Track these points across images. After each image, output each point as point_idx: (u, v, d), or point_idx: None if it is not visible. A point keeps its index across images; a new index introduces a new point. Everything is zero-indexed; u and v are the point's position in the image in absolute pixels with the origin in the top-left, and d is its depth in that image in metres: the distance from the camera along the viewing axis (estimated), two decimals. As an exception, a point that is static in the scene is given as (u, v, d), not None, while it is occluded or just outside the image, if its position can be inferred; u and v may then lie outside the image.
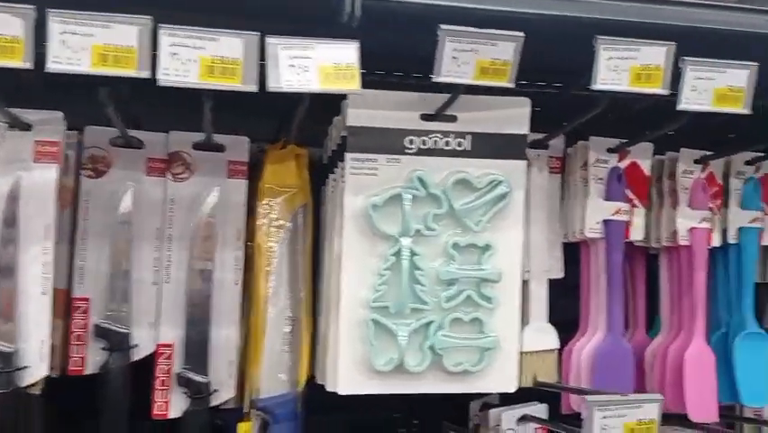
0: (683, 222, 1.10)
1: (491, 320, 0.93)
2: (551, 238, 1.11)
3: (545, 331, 1.09)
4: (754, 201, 1.16)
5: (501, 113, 0.94)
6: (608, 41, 0.82)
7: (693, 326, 1.12)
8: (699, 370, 1.10)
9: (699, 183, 1.12)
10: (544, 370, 1.08)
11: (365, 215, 0.90)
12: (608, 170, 1.07)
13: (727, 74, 0.85)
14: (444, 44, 0.78)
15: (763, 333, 1.15)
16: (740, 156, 1.15)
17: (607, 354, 1.06)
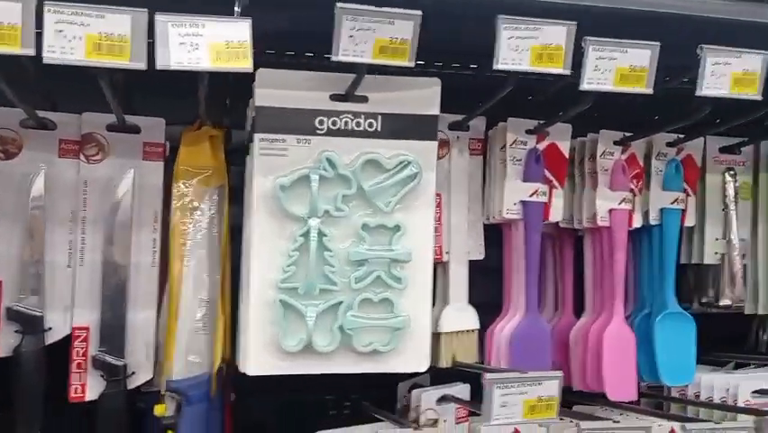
0: (603, 203, 1.11)
1: (401, 301, 0.93)
2: (472, 220, 1.11)
3: (465, 312, 1.10)
4: (675, 182, 1.17)
5: (412, 93, 0.94)
6: (510, 20, 0.82)
7: (613, 306, 1.13)
8: (618, 349, 1.12)
9: (618, 164, 1.13)
10: (463, 350, 1.09)
11: (274, 196, 0.90)
12: (526, 151, 1.08)
13: (629, 54, 0.85)
14: (342, 23, 0.77)
15: (683, 313, 1.17)
16: (662, 138, 1.17)
17: (524, 334, 1.07)
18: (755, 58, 0.91)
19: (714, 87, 0.91)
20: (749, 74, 0.89)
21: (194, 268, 0.97)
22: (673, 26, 0.94)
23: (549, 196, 1.08)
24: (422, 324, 0.95)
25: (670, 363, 1.15)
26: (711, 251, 1.23)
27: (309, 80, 0.92)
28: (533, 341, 1.08)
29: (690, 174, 1.19)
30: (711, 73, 0.88)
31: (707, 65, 0.90)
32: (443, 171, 1.09)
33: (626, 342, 1.13)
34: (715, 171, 1.22)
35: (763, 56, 0.91)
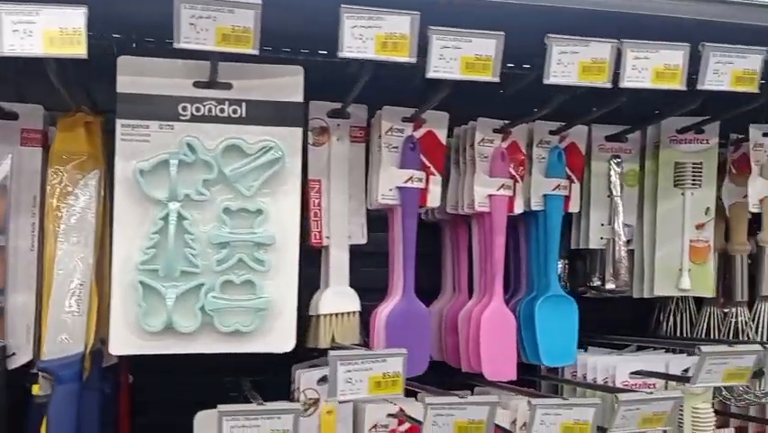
0: (481, 189, 1.14)
1: (265, 283, 0.96)
2: (354, 205, 1.14)
3: (345, 295, 1.12)
4: (557, 169, 1.20)
5: (276, 81, 0.96)
6: (353, 9, 0.84)
7: (493, 289, 1.16)
8: (497, 332, 1.15)
9: (498, 151, 1.16)
10: (343, 331, 1.12)
11: (134, 180, 0.92)
12: (402, 138, 1.10)
13: (473, 43, 0.88)
14: (180, 11, 0.80)
15: (565, 296, 1.21)
16: (544, 126, 1.20)
17: (401, 316, 1.10)
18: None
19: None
20: (598, 63, 0.93)
21: (67, 251, 0.99)
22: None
23: (426, 182, 1.11)
24: (288, 306, 0.97)
25: (550, 345, 1.18)
26: (597, 236, 1.26)
27: (172, 67, 0.94)
28: (410, 322, 1.11)
29: (574, 161, 1.22)
30: (559, 63, 0.91)
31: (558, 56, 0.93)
32: (323, 158, 1.11)
33: (505, 324, 1.16)
34: (600, 159, 1.25)
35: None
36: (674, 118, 1.23)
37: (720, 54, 0.95)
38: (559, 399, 1.00)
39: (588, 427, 0.97)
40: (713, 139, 1.23)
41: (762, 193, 1.20)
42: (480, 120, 1.15)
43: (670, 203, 1.24)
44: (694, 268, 1.23)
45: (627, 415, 0.98)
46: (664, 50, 0.93)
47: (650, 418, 0.99)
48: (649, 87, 0.93)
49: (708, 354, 0.96)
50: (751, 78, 0.97)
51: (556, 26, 0.94)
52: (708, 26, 1.01)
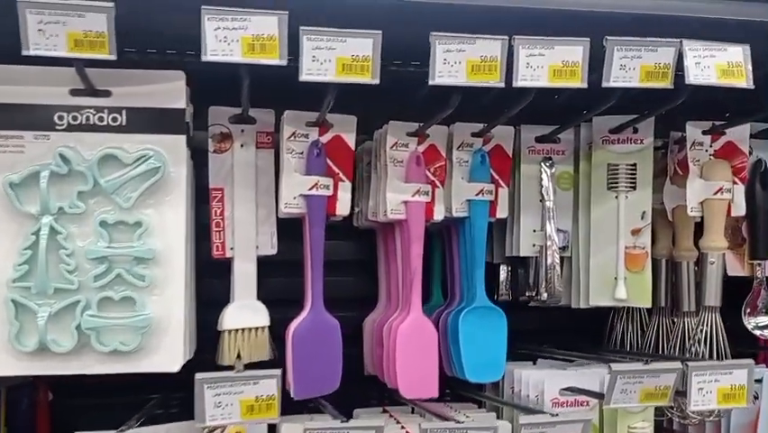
0: (395, 196, 1.08)
1: (147, 299, 0.91)
2: (262, 214, 1.09)
3: (252, 308, 1.07)
4: (481, 173, 1.14)
5: (156, 87, 0.92)
6: (214, 11, 0.80)
7: (410, 300, 1.11)
8: (414, 347, 1.09)
9: (413, 156, 1.10)
10: (250, 348, 1.07)
11: (4, 193, 0.88)
12: (308, 144, 1.05)
13: (348, 43, 0.82)
14: (26, 17, 0.76)
15: (493, 307, 1.14)
16: (465, 128, 1.13)
17: (307, 330, 1.05)
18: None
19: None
20: (488, 62, 0.86)
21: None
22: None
23: (334, 189, 1.06)
24: (174, 323, 0.93)
25: (475, 360, 1.12)
26: (528, 243, 1.19)
27: (47, 75, 0.90)
28: (318, 337, 1.05)
29: (500, 164, 1.16)
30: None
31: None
32: (226, 166, 1.07)
33: (424, 338, 1.10)
34: (530, 161, 1.19)
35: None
36: (607, 117, 1.16)
37: (627, 48, 0.89)
38: (452, 422, 0.93)
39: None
40: (647, 139, 1.15)
41: (702, 195, 1.12)
42: (392, 123, 1.09)
43: (603, 207, 1.17)
44: (630, 276, 1.16)
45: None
46: (561, 46, 0.87)
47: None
48: (546, 86, 0.87)
49: (620, 373, 0.90)
50: (663, 72, 0.90)
51: (450, 24, 0.88)
52: (642, 19, 0.95)
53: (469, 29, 0.88)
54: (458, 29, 0.87)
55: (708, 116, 1.17)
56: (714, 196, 1.11)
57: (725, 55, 0.90)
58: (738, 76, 0.90)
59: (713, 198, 1.12)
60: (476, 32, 0.88)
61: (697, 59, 0.89)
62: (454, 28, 0.87)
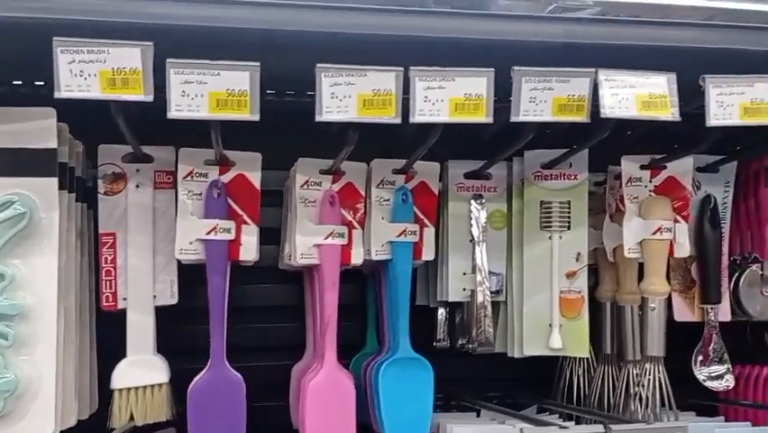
0: (305, 239, 1.00)
1: (12, 360, 0.82)
2: (161, 261, 1.01)
3: (148, 364, 0.98)
4: (404, 212, 1.05)
5: (26, 126, 0.83)
6: (69, 42, 0.72)
7: (323, 351, 1.02)
8: (326, 402, 1.00)
9: (326, 195, 1.02)
10: (144, 407, 0.98)
11: None
12: (207, 184, 0.97)
13: (222, 76, 0.75)
14: None
15: (418, 358, 1.05)
16: (386, 165, 1.05)
17: (204, 388, 0.95)
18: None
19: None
20: (382, 96, 0.78)
21: None
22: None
23: (237, 232, 0.98)
24: (45, 384, 0.83)
25: (396, 416, 1.03)
26: (458, 287, 1.10)
27: None
28: (218, 393, 0.96)
29: (426, 202, 1.07)
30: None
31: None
32: (119, 208, 0.98)
33: (338, 394, 1.00)
34: (459, 199, 1.10)
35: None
36: (539, 151, 1.08)
37: (537, 79, 0.81)
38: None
39: None
40: (582, 174, 1.07)
41: (640, 235, 1.03)
42: (302, 160, 1.01)
43: (537, 248, 1.08)
44: (566, 323, 1.06)
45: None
46: (463, 78, 0.79)
47: None
48: (447, 121, 0.79)
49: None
50: (578, 105, 0.82)
51: (343, 54, 0.80)
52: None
53: (368, 60, 0.81)
54: (351, 60, 0.80)
55: (657, 149, 1.09)
56: (653, 236, 1.03)
57: (647, 85, 0.82)
58: (662, 107, 0.82)
59: (652, 238, 1.03)
60: (376, 63, 0.81)
61: (614, 90, 0.81)
62: (347, 59, 0.80)
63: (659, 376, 1.04)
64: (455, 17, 0.86)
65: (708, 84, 0.84)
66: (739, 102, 0.84)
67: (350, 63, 0.77)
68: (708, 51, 0.90)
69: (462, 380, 1.33)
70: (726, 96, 0.84)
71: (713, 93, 0.84)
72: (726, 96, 0.84)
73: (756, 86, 0.85)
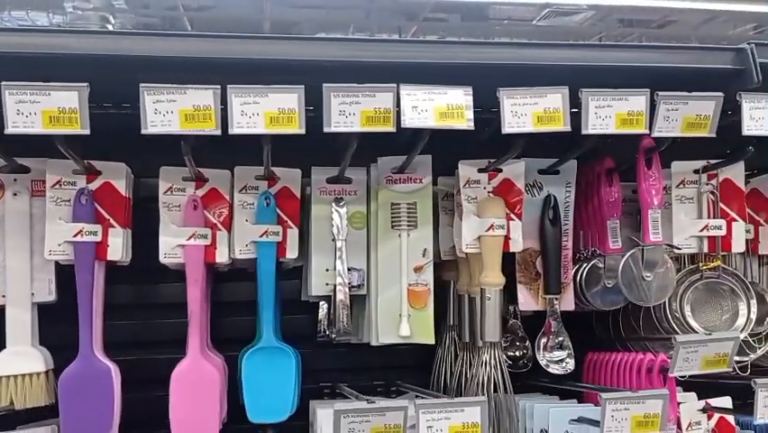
0: (169, 240, 1.11)
1: None
2: (38, 262, 1.10)
3: (27, 355, 1.08)
4: (266, 215, 1.16)
5: None
6: None
7: (188, 343, 1.12)
8: (190, 389, 1.10)
9: (189, 200, 1.12)
10: (23, 394, 1.08)
11: None
12: (75, 191, 1.08)
13: (52, 96, 0.85)
14: None
15: (281, 347, 1.15)
16: (249, 172, 1.16)
17: (74, 377, 1.06)
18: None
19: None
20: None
21: None
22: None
23: (104, 235, 1.08)
24: None
25: (259, 400, 1.13)
26: (321, 282, 1.20)
27: None
28: (87, 383, 1.06)
29: (288, 205, 1.18)
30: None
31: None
32: (-2, 215, 1.09)
33: (201, 381, 1.11)
34: (322, 202, 1.21)
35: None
36: (391, 157, 1.19)
37: (344, 94, 0.91)
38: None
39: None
40: (426, 178, 1.18)
41: (476, 232, 1.14)
42: (164, 168, 1.11)
43: (389, 245, 1.18)
44: (414, 313, 1.16)
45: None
46: (275, 94, 0.89)
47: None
48: (263, 133, 0.90)
49: (343, 412, 0.90)
50: (384, 116, 0.93)
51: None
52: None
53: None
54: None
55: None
56: (487, 232, 1.13)
57: (444, 98, 0.93)
58: (458, 117, 0.93)
59: (486, 234, 1.13)
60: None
61: (414, 103, 0.92)
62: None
63: (494, 359, 1.14)
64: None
65: (503, 95, 0.94)
66: (532, 111, 0.95)
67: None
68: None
69: (352, 369, 1.44)
70: (519, 107, 0.95)
71: (507, 103, 0.94)
72: (519, 107, 0.95)
73: (549, 96, 0.96)
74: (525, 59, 0.99)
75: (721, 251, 1.18)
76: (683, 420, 1.15)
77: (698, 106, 0.98)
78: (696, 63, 1.00)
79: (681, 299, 1.17)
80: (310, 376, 1.28)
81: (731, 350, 1.02)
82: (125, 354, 1.15)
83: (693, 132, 1.00)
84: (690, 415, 1.16)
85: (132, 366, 1.14)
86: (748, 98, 0.99)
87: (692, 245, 1.18)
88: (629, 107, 0.97)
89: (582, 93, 0.96)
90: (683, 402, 1.17)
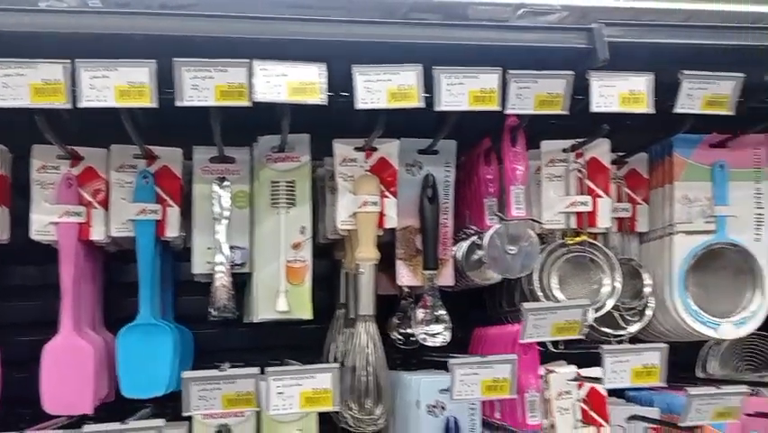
0: (42, 217, 1.12)
1: None
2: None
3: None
4: (145, 193, 1.17)
5: None
6: None
7: (61, 320, 1.13)
8: (62, 364, 1.11)
9: (63, 177, 1.13)
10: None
11: None
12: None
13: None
14: None
15: (157, 324, 1.17)
16: (126, 150, 1.17)
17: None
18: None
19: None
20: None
21: None
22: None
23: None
24: None
25: (132, 376, 1.15)
26: (203, 261, 1.22)
27: None
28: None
29: (168, 185, 1.19)
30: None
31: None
32: None
33: (74, 357, 1.12)
34: (204, 181, 1.22)
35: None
36: (271, 136, 1.21)
37: (196, 69, 0.94)
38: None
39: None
40: (304, 156, 1.20)
41: (351, 209, 1.17)
42: (37, 147, 1.12)
43: (268, 223, 1.20)
44: (292, 289, 1.19)
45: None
46: (125, 68, 0.92)
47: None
48: (113, 106, 0.92)
49: (193, 380, 0.92)
50: (239, 91, 0.95)
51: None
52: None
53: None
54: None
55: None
56: (360, 209, 1.16)
57: (298, 74, 0.96)
58: (311, 93, 0.95)
59: (360, 211, 1.16)
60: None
61: (267, 78, 0.94)
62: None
63: (367, 332, 1.17)
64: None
65: (356, 72, 0.97)
66: (386, 88, 0.98)
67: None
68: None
69: (257, 349, 1.46)
70: (373, 83, 0.98)
71: (360, 80, 0.97)
72: (373, 83, 0.98)
73: (402, 73, 0.99)
74: (385, 38, 1.02)
75: (588, 226, 1.22)
76: (553, 389, 1.19)
77: (549, 84, 1.02)
78: (547, 43, 1.03)
79: (549, 272, 1.22)
80: (213, 356, 1.29)
81: (581, 318, 1.06)
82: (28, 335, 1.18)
83: (546, 109, 1.04)
84: (560, 385, 1.20)
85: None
86: (597, 77, 1.03)
87: (561, 221, 1.23)
88: (481, 85, 1.00)
89: (435, 70, 0.99)
90: (554, 372, 1.21)
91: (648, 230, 1.35)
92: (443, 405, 1.19)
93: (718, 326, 1.27)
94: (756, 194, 1.29)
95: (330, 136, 1.22)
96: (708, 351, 1.53)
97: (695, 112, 1.07)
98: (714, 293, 1.31)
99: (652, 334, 1.35)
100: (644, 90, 1.03)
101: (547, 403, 1.21)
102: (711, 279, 1.31)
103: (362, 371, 1.16)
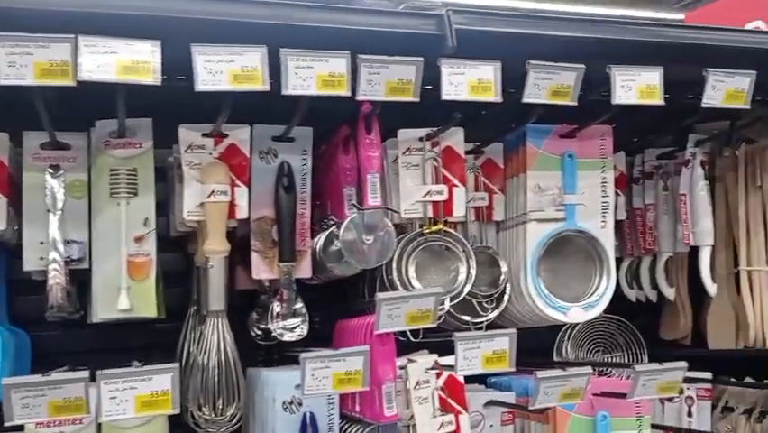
0: None
1: None
2: None
3: None
4: None
5: None
6: None
7: None
8: None
9: None
10: None
11: None
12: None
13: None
14: None
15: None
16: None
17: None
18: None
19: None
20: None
21: None
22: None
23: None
24: None
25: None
26: (35, 256, 1.12)
27: None
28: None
29: (-4, 174, 1.09)
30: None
31: None
32: None
33: None
34: (35, 170, 1.12)
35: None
36: (109, 120, 1.12)
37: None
38: None
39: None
40: (147, 143, 1.12)
41: (198, 199, 1.10)
42: None
43: (107, 215, 1.12)
44: (134, 285, 1.11)
45: None
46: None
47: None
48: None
49: (14, 387, 0.84)
50: (63, 69, 0.87)
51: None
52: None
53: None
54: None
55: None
56: (208, 199, 1.10)
57: (132, 52, 0.89)
58: (144, 73, 0.89)
59: (208, 201, 1.10)
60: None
61: (94, 56, 0.87)
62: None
63: (218, 328, 1.11)
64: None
65: (195, 51, 0.91)
66: (228, 69, 0.93)
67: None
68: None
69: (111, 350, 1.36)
70: (214, 64, 0.92)
71: (200, 60, 0.91)
72: (214, 64, 0.92)
73: (246, 55, 0.94)
74: (228, 15, 0.96)
75: (444, 216, 1.23)
76: (412, 379, 1.19)
77: (399, 71, 1.01)
78: (397, 28, 1.02)
79: (407, 261, 1.21)
80: (55, 360, 1.19)
81: (433, 306, 1.06)
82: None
83: (397, 96, 1.02)
84: (418, 374, 1.20)
85: None
86: (447, 64, 1.03)
87: (419, 210, 1.22)
88: (330, 69, 0.97)
89: (281, 52, 0.95)
90: (415, 361, 1.20)
91: (504, 219, 1.38)
92: (299, 401, 1.15)
93: (568, 310, 1.31)
94: (602, 183, 1.35)
95: (179, 122, 1.15)
96: (563, 335, 1.59)
97: (541, 102, 1.10)
98: (565, 279, 1.35)
99: (509, 320, 1.38)
100: (491, 79, 1.04)
101: (407, 393, 1.21)
102: (562, 265, 1.35)
103: (213, 370, 1.10)
